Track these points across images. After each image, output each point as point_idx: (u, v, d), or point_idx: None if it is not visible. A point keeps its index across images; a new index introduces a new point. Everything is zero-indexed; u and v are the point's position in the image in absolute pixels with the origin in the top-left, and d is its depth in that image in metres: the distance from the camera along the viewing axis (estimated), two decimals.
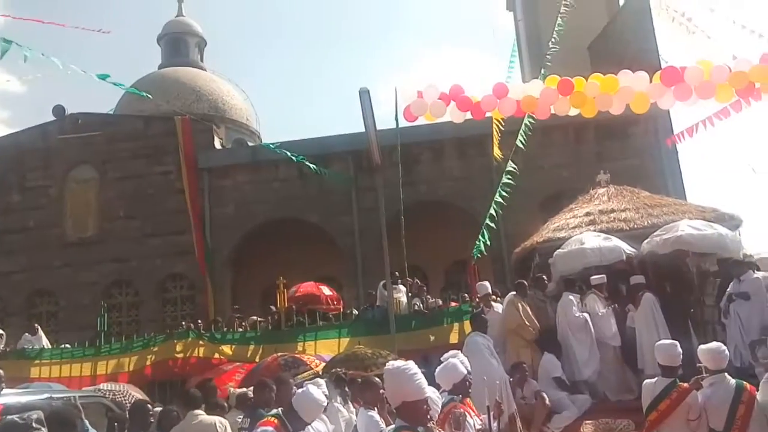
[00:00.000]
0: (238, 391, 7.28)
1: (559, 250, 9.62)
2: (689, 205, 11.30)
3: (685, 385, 5.47)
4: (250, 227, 19.42)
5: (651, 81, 6.98)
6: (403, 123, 9.76)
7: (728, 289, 8.10)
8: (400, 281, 12.18)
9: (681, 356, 5.64)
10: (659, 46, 18.91)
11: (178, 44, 29.90)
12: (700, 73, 6.63)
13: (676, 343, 5.79)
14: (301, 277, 14.51)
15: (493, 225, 12.59)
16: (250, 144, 25.77)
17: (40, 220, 19.92)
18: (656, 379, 5.69)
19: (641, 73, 7.10)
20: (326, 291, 13.93)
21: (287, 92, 68.35)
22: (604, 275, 9.03)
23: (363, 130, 10.87)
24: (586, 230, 9.87)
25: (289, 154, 16.85)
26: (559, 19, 15.89)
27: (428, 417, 3.52)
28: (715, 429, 5.34)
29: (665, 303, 8.56)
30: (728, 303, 7.97)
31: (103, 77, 12.06)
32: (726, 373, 5.55)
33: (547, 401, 7.50)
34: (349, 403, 6.53)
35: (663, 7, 16.33)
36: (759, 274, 8.51)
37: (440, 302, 12.40)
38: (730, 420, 5.26)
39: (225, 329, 12.77)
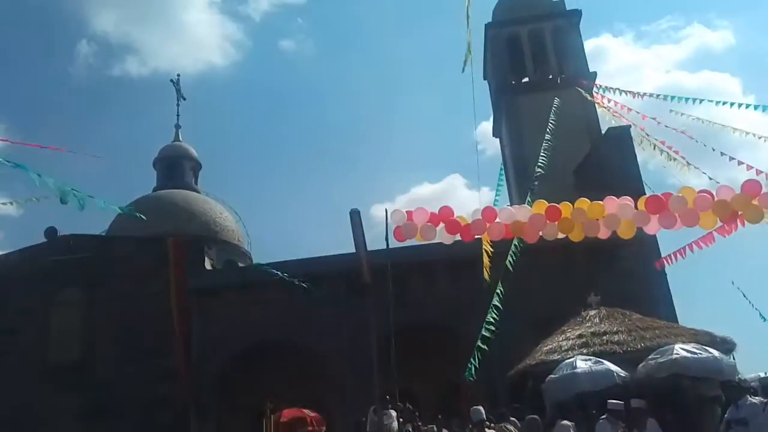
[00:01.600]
0: None
1: (551, 375, 9.49)
2: (681, 327, 11.30)
3: None
4: (238, 350, 19.10)
5: (636, 208, 7.16)
6: (394, 244, 9.89)
7: (726, 415, 7.92)
8: (390, 406, 11.82)
9: None
10: (641, 171, 19.59)
11: (174, 168, 30.61)
12: (684, 202, 6.82)
13: None
14: (289, 401, 14.13)
15: (485, 347, 12.41)
16: (240, 265, 25.81)
17: (24, 343, 19.54)
18: None
19: (626, 199, 7.30)
20: (310, 413, 13.62)
21: (279, 214, 69.31)
22: (621, 402, 8.73)
23: (353, 251, 10.98)
24: (578, 353, 9.79)
25: (279, 274, 16.86)
26: (544, 144, 16.47)
27: None
28: None
29: (666, 429, 8.33)
30: (726, 430, 7.76)
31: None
32: None
33: None
34: None
35: (643, 135, 17.03)
36: (756, 399, 8.37)
37: (434, 428, 12.00)
38: None
39: None
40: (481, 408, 9.86)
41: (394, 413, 11.54)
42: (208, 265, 21.25)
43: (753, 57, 72.97)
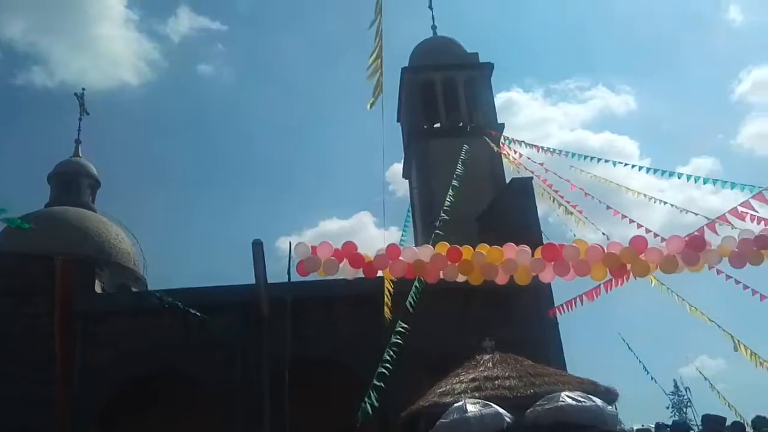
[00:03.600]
0: None
1: (442, 419, 9.53)
2: (569, 376, 11.68)
3: None
4: (124, 380, 18.14)
5: (533, 255, 7.41)
6: (296, 277, 9.76)
7: None
8: None
9: None
10: (541, 223, 20.37)
11: (69, 184, 29.26)
12: (577, 252, 7.12)
13: None
14: None
15: (380, 385, 12.35)
16: (134, 290, 24.76)
17: None
18: None
19: (524, 247, 7.54)
20: None
21: (181, 240, 67.32)
22: None
23: (254, 282, 10.76)
24: (471, 396, 9.91)
25: (174, 302, 16.26)
26: (450, 189, 16.83)
27: None
28: None
29: None
30: None
31: None
32: None
33: None
34: None
35: (544, 187, 17.72)
36: None
37: None
38: None
39: None
40: None
41: None
42: (98, 288, 20.23)
43: (650, 122, 78.20)
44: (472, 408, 9.40)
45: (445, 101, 27.68)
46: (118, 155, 63.69)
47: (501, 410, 9.36)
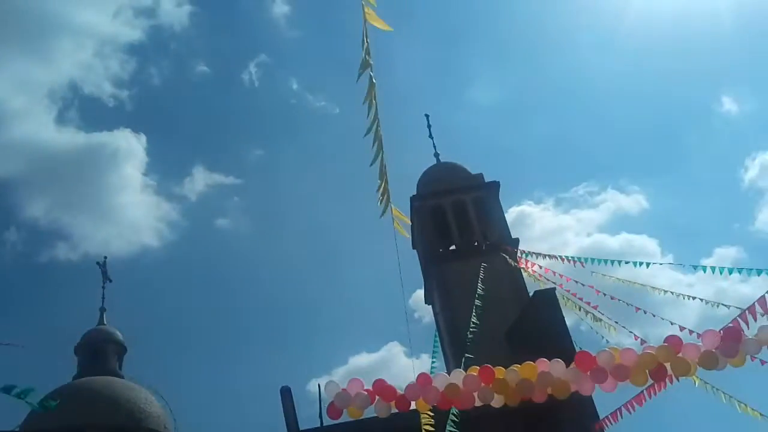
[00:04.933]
0: None
1: None
2: None
3: None
4: None
5: (567, 366, 7.22)
6: (328, 421, 9.49)
7: None
8: None
9: None
10: (573, 332, 19.96)
11: (96, 353, 29.19)
12: (612, 357, 6.94)
13: None
14: None
15: None
16: None
17: None
18: None
19: (557, 360, 7.37)
20: None
21: (210, 396, 66.00)
22: None
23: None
24: None
25: None
26: (474, 310, 16.70)
27: None
28: None
29: None
30: None
31: (7, 390, 11.32)
32: None
33: None
34: None
35: (568, 296, 17.56)
36: None
37: None
38: None
39: None
40: None
41: None
42: None
43: (666, 218, 78.35)
44: None
45: (457, 223, 28.02)
46: (144, 318, 63.80)
47: None
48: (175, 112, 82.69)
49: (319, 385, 8.31)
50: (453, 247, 28.28)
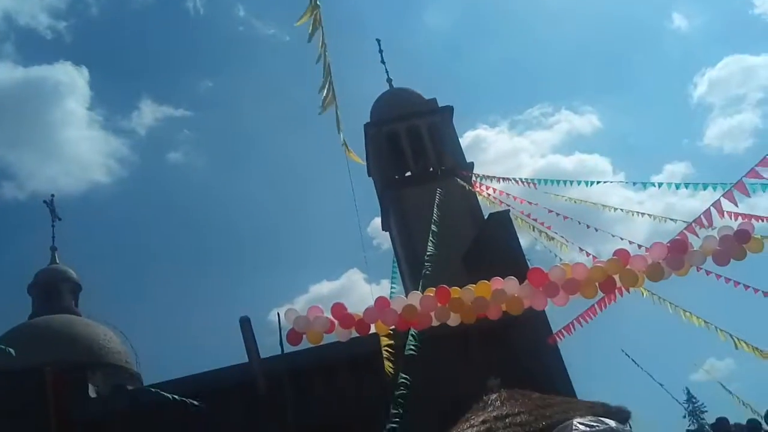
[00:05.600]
0: None
1: None
2: (578, 401, 11.38)
3: None
4: None
5: (521, 283, 7.37)
6: (290, 349, 9.59)
7: None
8: None
9: None
10: (528, 253, 20.42)
11: (50, 292, 28.87)
12: (563, 272, 7.10)
13: None
14: None
15: None
16: (129, 388, 24.17)
17: None
18: None
19: (511, 277, 7.51)
20: None
21: (174, 330, 66.31)
22: None
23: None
24: None
25: (169, 395, 15.83)
26: (431, 234, 16.85)
27: None
28: None
29: None
30: None
31: None
32: None
33: None
34: None
35: (522, 217, 17.83)
36: None
37: None
38: None
39: None
40: None
41: None
42: (92, 393, 19.75)
43: (618, 137, 79.82)
44: None
45: (411, 149, 28.01)
46: (98, 256, 63.16)
47: None
48: (116, 43, 79.63)
49: (278, 314, 8.38)
50: (408, 174, 28.36)
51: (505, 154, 73.43)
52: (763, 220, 12.28)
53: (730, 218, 10.71)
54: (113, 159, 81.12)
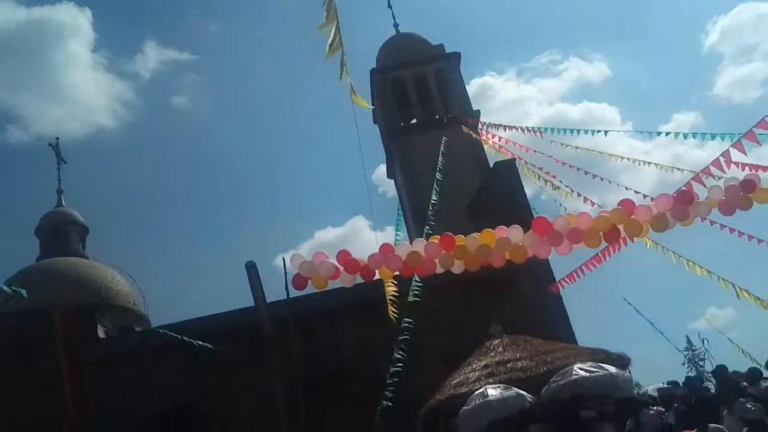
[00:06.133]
0: None
1: (464, 407, 9.49)
2: (579, 348, 11.67)
3: None
4: (140, 422, 18.01)
5: (525, 232, 7.41)
6: (297, 294, 9.70)
7: (626, 428, 8.18)
8: None
9: None
10: (534, 202, 20.44)
11: (58, 235, 29.11)
12: (567, 221, 7.12)
13: None
14: None
15: (395, 387, 12.33)
16: (137, 329, 24.60)
17: None
18: None
19: (515, 226, 7.54)
20: None
21: (181, 273, 67.07)
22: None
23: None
24: (485, 383, 9.87)
25: (177, 336, 16.14)
26: (435, 182, 16.85)
27: None
28: None
29: None
30: None
31: None
32: None
33: None
34: None
35: (527, 166, 17.78)
36: (654, 410, 8.75)
37: None
38: None
39: None
40: None
41: None
42: (101, 333, 20.11)
43: (627, 86, 78.78)
44: (493, 392, 9.38)
45: (418, 96, 27.72)
46: (104, 199, 63.45)
47: (522, 391, 9.36)
48: None
49: (284, 259, 8.44)
50: (414, 121, 28.13)
51: (512, 102, 72.80)
52: None
53: (738, 168, 10.66)
54: (118, 102, 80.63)
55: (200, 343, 16.54)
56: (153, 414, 18.05)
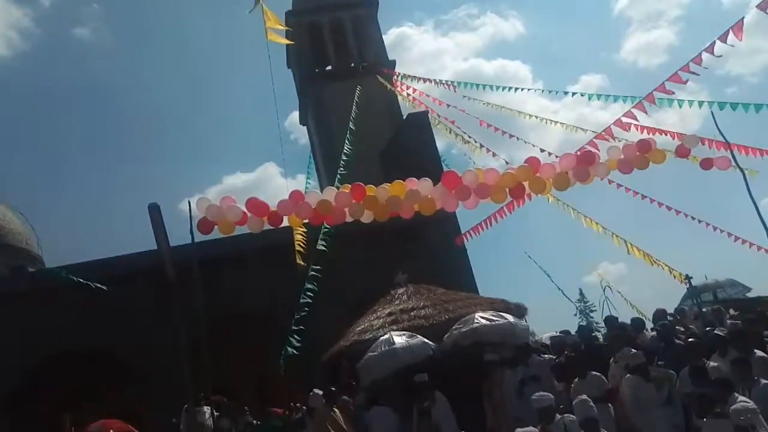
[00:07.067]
0: None
1: (370, 353, 9.67)
2: (480, 298, 12.13)
3: None
4: (34, 362, 17.38)
5: (434, 185, 7.52)
6: (203, 238, 9.49)
7: (519, 375, 8.59)
8: (204, 403, 11.38)
9: None
10: (445, 156, 20.75)
11: None
12: (476, 176, 7.27)
13: None
14: (97, 413, 13.20)
15: (298, 335, 12.44)
16: (30, 270, 23.53)
17: None
18: None
19: (425, 178, 7.64)
20: (119, 428, 12.73)
21: (78, 215, 64.24)
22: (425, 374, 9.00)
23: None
24: (389, 330, 10.10)
25: (73, 277, 15.52)
26: (349, 131, 16.79)
27: None
28: None
29: (469, 394, 8.87)
30: (521, 387, 8.42)
31: None
32: None
33: None
34: None
35: (439, 119, 17.97)
36: (545, 357, 9.24)
37: (250, 419, 11.83)
38: None
39: None
40: (319, 391, 9.65)
41: (207, 410, 11.15)
42: None
43: (540, 45, 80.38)
44: (399, 340, 9.60)
45: (333, 43, 27.30)
46: None
47: (426, 340, 9.63)
48: None
49: (189, 203, 8.22)
50: (329, 68, 27.72)
51: (428, 55, 72.79)
52: (667, 134, 12.90)
53: (638, 131, 11.17)
54: (14, 30, 74.91)
55: (97, 285, 16.00)
56: (48, 355, 17.44)
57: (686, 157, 8.62)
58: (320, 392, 9.50)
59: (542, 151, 14.57)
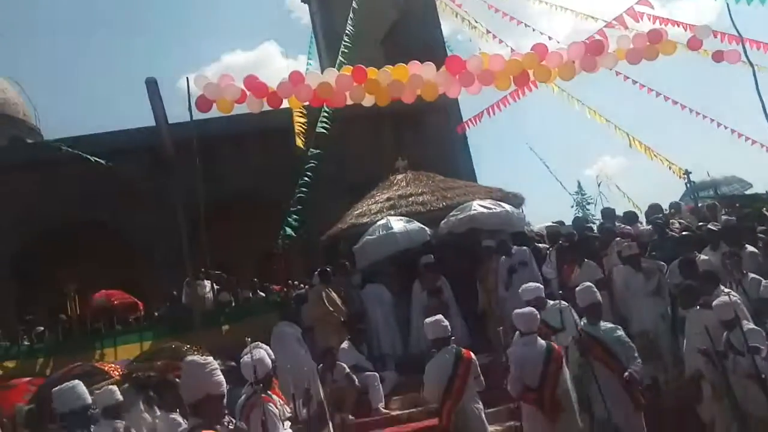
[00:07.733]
0: (26, 407, 6.60)
1: (367, 236, 9.85)
2: (479, 186, 12.20)
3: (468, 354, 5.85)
4: (34, 234, 17.62)
5: (438, 70, 7.37)
6: (201, 116, 9.38)
7: (508, 263, 8.80)
8: (203, 277, 11.71)
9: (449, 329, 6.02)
10: (445, 39, 20.15)
11: None
12: (480, 62, 7.13)
13: (440, 317, 6.16)
14: (99, 284, 13.59)
15: (296, 216, 12.56)
16: (29, 141, 23.46)
17: None
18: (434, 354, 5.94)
19: (428, 63, 7.47)
20: (122, 298, 13.16)
21: (76, 88, 63.30)
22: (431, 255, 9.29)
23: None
24: (387, 215, 10.23)
25: (71, 150, 15.44)
26: (350, 14, 16.21)
27: (223, 414, 3.39)
28: (531, 385, 5.68)
29: (462, 278, 9.15)
30: (509, 274, 8.65)
31: None
32: (536, 335, 5.89)
33: (357, 382, 7.69)
34: (155, 408, 6.12)
35: (447, 3, 17.32)
36: (541, 246, 9.45)
37: (249, 294, 12.24)
38: (543, 377, 5.66)
39: (8, 344, 11.47)
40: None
41: (207, 283, 11.49)
42: None
43: None
44: (397, 224, 9.77)
45: None
46: None
47: (422, 225, 9.80)
48: None
49: (187, 80, 8.07)
50: None
51: None
52: (679, 26, 12.50)
53: (650, 21, 10.82)
54: None
55: (97, 159, 15.94)
56: (48, 227, 17.67)
57: (698, 49, 8.42)
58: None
59: (550, 39, 14.14)
